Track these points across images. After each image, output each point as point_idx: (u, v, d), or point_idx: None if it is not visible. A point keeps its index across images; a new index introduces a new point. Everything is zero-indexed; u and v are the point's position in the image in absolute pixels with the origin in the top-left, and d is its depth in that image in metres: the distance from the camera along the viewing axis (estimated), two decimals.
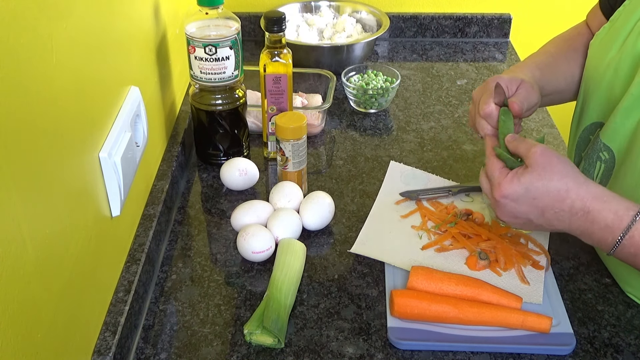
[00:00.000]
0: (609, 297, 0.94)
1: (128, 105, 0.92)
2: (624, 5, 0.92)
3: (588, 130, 0.98)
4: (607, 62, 0.92)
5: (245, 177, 1.12)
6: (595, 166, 0.94)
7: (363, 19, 1.62)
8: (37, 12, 0.64)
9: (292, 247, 0.97)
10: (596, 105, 0.96)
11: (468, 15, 1.68)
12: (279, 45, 1.14)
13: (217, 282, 0.96)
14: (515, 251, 0.96)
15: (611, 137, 0.90)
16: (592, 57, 0.97)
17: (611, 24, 0.94)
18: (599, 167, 0.93)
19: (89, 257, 0.78)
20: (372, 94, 1.35)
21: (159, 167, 1.11)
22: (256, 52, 1.37)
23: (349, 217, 1.09)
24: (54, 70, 0.68)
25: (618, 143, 0.89)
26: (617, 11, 0.93)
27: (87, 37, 0.79)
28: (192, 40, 1.10)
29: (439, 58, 1.63)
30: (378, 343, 0.87)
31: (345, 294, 0.94)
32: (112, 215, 0.87)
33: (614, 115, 0.89)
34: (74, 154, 0.75)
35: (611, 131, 0.90)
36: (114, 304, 0.85)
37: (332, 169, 1.21)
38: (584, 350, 0.86)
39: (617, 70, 0.90)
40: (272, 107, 1.19)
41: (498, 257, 0.96)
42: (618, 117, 0.88)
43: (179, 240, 1.05)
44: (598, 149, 0.93)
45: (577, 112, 1.03)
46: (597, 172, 0.93)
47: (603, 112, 0.94)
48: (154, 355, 0.86)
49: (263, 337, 0.85)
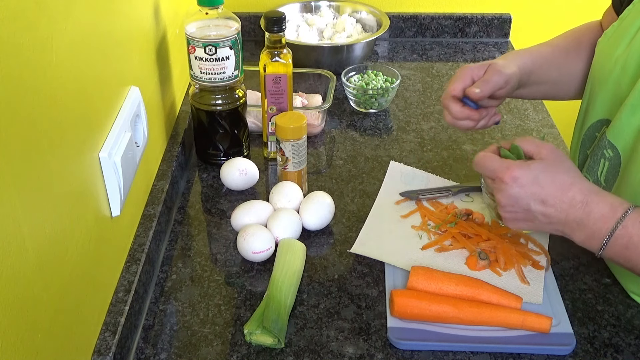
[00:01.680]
0: (609, 297, 0.94)
1: (128, 105, 0.92)
2: (633, 4, 0.92)
3: (594, 127, 0.99)
4: (614, 60, 0.93)
5: (245, 177, 1.12)
6: (599, 164, 0.94)
7: (363, 19, 1.62)
8: (37, 12, 0.64)
9: (292, 247, 0.97)
10: (602, 102, 0.96)
11: (468, 15, 1.68)
12: (279, 45, 1.14)
13: (217, 282, 0.96)
14: (515, 251, 0.96)
15: (617, 135, 0.90)
16: (599, 55, 0.97)
17: (620, 21, 0.94)
18: (603, 165, 0.93)
19: (89, 257, 0.78)
20: (372, 94, 1.35)
21: (159, 167, 1.11)
22: (256, 52, 1.37)
23: (349, 217, 1.09)
24: (54, 71, 0.68)
25: (623, 141, 0.89)
26: (627, 9, 0.93)
27: (87, 37, 0.79)
28: (192, 40, 1.10)
29: (439, 58, 1.63)
30: (378, 343, 0.87)
31: (345, 294, 0.94)
32: (112, 215, 0.87)
33: (620, 112, 0.89)
34: (74, 154, 0.75)
35: (617, 129, 0.90)
36: (114, 304, 0.85)
37: (332, 169, 1.21)
38: (584, 350, 0.86)
39: (625, 68, 0.91)
40: (272, 107, 1.19)
41: (498, 257, 0.96)
42: (624, 114, 0.88)
43: (179, 240, 1.05)
44: (603, 147, 0.93)
45: (582, 110, 1.03)
46: (601, 169, 0.94)
47: (609, 110, 0.95)
48: (154, 355, 0.86)
49: (263, 337, 0.86)
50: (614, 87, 0.93)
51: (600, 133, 0.96)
